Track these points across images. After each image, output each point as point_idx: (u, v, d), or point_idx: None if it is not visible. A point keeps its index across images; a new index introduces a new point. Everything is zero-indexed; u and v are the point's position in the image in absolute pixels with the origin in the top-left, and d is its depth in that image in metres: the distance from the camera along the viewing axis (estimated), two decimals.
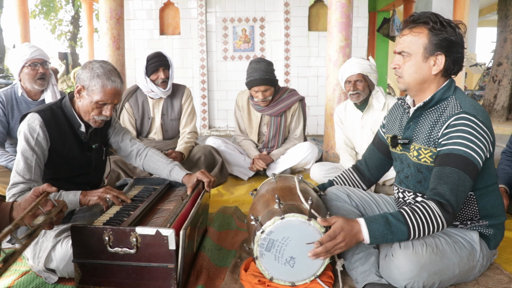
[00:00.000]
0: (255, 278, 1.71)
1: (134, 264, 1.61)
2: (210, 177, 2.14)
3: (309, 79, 6.61)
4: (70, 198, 1.83)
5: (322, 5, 6.48)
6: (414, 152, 1.76)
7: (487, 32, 18.72)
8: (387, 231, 1.54)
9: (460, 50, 1.67)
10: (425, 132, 1.72)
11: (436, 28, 1.63)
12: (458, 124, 1.60)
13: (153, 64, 3.26)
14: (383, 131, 2.05)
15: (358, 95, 3.03)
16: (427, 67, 1.68)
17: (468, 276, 1.73)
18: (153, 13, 6.51)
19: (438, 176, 1.59)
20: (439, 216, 1.52)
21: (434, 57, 1.66)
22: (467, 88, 11.53)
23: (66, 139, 1.99)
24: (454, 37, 1.63)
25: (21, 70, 2.85)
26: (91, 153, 2.11)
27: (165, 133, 3.53)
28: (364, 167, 2.15)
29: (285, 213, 1.61)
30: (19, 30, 5.56)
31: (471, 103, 1.66)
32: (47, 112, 1.95)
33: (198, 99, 6.61)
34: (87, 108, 1.96)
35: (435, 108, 1.72)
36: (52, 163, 1.96)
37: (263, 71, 3.39)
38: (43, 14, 16.95)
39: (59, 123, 1.97)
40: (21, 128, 1.90)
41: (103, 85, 1.91)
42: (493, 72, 7.58)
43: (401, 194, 1.88)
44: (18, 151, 1.86)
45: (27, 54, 2.81)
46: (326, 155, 4.20)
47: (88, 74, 1.92)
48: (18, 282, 1.78)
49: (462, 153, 1.56)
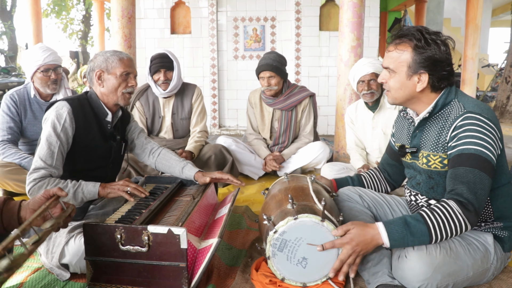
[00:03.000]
0: (266, 278, 1.70)
1: (145, 263, 1.61)
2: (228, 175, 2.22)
3: (319, 79, 6.58)
4: (89, 188, 1.87)
5: (333, 5, 6.44)
6: (423, 160, 1.76)
7: (500, 33, 18.52)
8: (406, 232, 1.53)
9: (446, 68, 1.66)
10: (432, 138, 1.72)
11: (420, 46, 1.64)
12: (465, 124, 1.60)
13: (155, 64, 3.28)
14: (393, 140, 2.06)
15: (372, 94, 3.01)
16: (412, 85, 1.69)
17: (481, 279, 1.71)
18: (164, 12, 6.53)
19: (453, 178, 1.57)
20: (459, 214, 1.49)
21: (417, 75, 1.67)
22: (479, 89, 11.41)
23: (90, 128, 2.04)
24: (439, 55, 1.64)
25: (34, 74, 2.88)
26: (113, 144, 2.14)
27: (176, 132, 3.54)
28: (387, 175, 2.16)
29: (298, 214, 1.61)
30: (31, 29, 5.60)
31: (475, 102, 1.66)
32: (75, 100, 2.02)
33: (209, 98, 6.61)
34: (113, 86, 2.04)
35: (440, 114, 1.72)
36: (73, 152, 1.99)
37: (272, 59, 3.48)
38: (54, 13, 17.09)
39: (85, 112, 2.03)
40: (48, 114, 1.95)
41: (120, 58, 2.04)
42: (506, 73, 7.49)
43: (413, 197, 1.88)
44: (43, 137, 1.91)
45: (40, 60, 2.83)
46: (336, 155, 4.18)
47: (101, 58, 2.04)
48: (31, 278, 1.79)
49: (473, 151, 1.55)
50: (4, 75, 9.84)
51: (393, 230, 1.53)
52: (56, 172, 1.87)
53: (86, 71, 2.10)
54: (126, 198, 1.92)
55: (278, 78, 3.52)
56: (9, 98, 2.91)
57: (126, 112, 2.29)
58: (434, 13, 10.22)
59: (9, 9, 16.17)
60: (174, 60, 3.33)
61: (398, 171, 2.08)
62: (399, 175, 2.10)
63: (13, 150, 2.84)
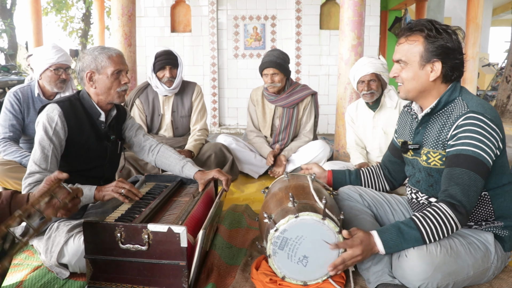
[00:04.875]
0: (267, 277, 1.70)
1: (145, 261, 1.61)
2: (226, 175, 2.17)
3: (320, 78, 6.58)
4: (85, 192, 1.84)
5: (334, 4, 6.43)
6: (423, 157, 1.76)
7: (501, 32, 18.49)
8: (400, 240, 1.55)
9: (458, 56, 1.66)
10: (434, 135, 1.72)
11: (431, 35, 1.63)
12: (466, 124, 1.59)
13: (160, 61, 3.27)
14: (396, 136, 2.05)
15: (372, 95, 3.01)
16: (425, 74, 1.68)
17: (482, 278, 1.71)
18: (164, 10, 6.52)
19: (449, 178, 1.59)
20: (451, 218, 1.52)
21: (431, 64, 1.66)
22: (480, 88, 11.40)
23: (83, 129, 2.01)
24: (451, 44, 1.63)
25: (44, 72, 2.87)
26: (108, 144, 2.12)
27: (175, 130, 3.53)
28: (387, 172, 2.14)
29: (299, 212, 1.60)
30: (31, 28, 5.58)
31: (478, 101, 1.65)
32: (66, 103, 1.98)
33: (209, 96, 6.61)
34: (106, 85, 1.99)
35: (443, 111, 1.72)
36: (68, 154, 1.98)
37: (275, 56, 3.49)
38: (54, 11, 17.06)
39: (77, 114, 2.00)
40: (40, 118, 1.93)
41: (109, 56, 1.98)
42: (507, 72, 7.49)
43: (414, 195, 1.88)
44: (36, 141, 1.89)
45: (53, 58, 2.82)
46: (336, 154, 4.17)
47: (89, 57, 1.98)
48: (30, 276, 1.78)
49: (471, 153, 1.56)
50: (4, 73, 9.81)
51: (387, 239, 1.56)
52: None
53: (75, 70, 2.04)
54: (120, 200, 1.89)
55: (281, 75, 3.54)
56: (12, 96, 2.90)
57: (122, 109, 2.25)
58: (434, 12, 10.20)
59: (9, 7, 16.16)
60: (178, 57, 3.34)
61: (399, 168, 2.07)
62: (400, 173, 2.09)
63: (14, 148, 2.83)
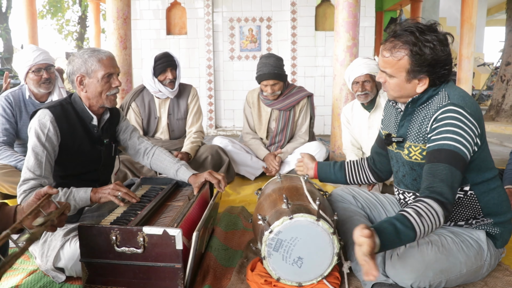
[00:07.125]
0: (262, 278, 1.70)
1: (141, 264, 1.61)
2: (218, 177, 2.14)
3: (315, 79, 6.60)
4: (80, 195, 1.84)
5: (329, 5, 6.46)
6: (405, 151, 1.75)
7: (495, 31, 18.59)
8: (396, 240, 1.49)
9: (446, 67, 1.63)
10: (415, 128, 1.70)
11: (416, 52, 1.58)
12: (445, 118, 1.57)
13: (161, 64, 3.26)
14: (381, 126, 2.03)
15: (366, 96, 3.02)
16: (412, 86, 1.67)
17: (476, 276, 1.71)
18: (160, 13, 6.53)
19: (432, 174, 1.54)
20: (441, 217, 1.49)
21: (417, 79, 1.65)
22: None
23: (76, 134, 1.99)
24: (437, 56, 1.59)
25: (26, 75, 2.86)
26: (101, 148, 2.11)
27: (172, 133, 3.54)
28: (372, 162, 2.12)
29: (294, 213, 1.61)
30: (27, 31, 5.57)
31: (461, 93, 1.63)
32: (57, 107, 1.96)
33: (205, 99, 6.61)
34: (96, 89, 1.97)
35: (427, 104, 1.70)
36: (62, 159, 1.96)
37: (273, 66, 3.46)
38: (50, 14, 17.03)
39: (69, 118, 1.98)
40: (32, 124, 1.91)
41: (99, 59, 1.94)
42: (502, 72, 7.52)
43: (402, 195, 1.87)
44: (29, 147, 1.87)
45: (30, 60, 2.81)
46: (332, 155, 4.18)
47: (79, 60, 1.94)
48: (26, 281, 1.78)
49: (453, 148, 1.53)
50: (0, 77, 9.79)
51: (384, 239, 1.52)
52: (46, 181, 1.83)
53: (66, 73, 2.01)
54: (116, 203, 1.89)
55: (281, 83, 3.56)
56: (4, 100, 2.90)
57: (115, 112, 2.22)
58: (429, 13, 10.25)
59: (4, 10, 16.10)
60: (176, 59, 3.35)
61: (385, 160, 2.03)
62: (386, 165, 2.05)
63: (9, 152, 2.82)
